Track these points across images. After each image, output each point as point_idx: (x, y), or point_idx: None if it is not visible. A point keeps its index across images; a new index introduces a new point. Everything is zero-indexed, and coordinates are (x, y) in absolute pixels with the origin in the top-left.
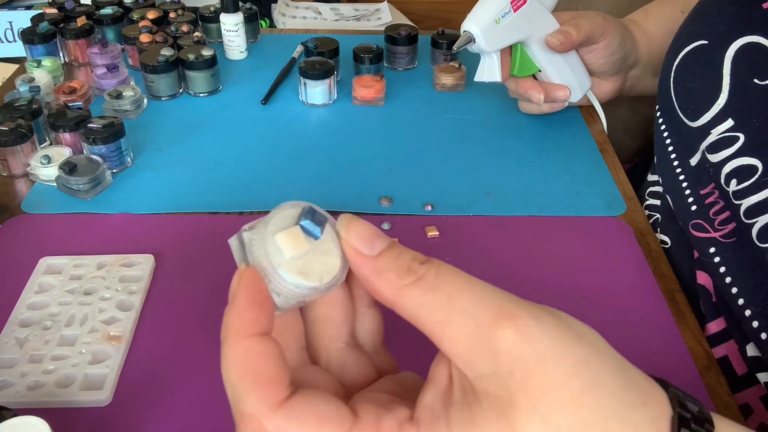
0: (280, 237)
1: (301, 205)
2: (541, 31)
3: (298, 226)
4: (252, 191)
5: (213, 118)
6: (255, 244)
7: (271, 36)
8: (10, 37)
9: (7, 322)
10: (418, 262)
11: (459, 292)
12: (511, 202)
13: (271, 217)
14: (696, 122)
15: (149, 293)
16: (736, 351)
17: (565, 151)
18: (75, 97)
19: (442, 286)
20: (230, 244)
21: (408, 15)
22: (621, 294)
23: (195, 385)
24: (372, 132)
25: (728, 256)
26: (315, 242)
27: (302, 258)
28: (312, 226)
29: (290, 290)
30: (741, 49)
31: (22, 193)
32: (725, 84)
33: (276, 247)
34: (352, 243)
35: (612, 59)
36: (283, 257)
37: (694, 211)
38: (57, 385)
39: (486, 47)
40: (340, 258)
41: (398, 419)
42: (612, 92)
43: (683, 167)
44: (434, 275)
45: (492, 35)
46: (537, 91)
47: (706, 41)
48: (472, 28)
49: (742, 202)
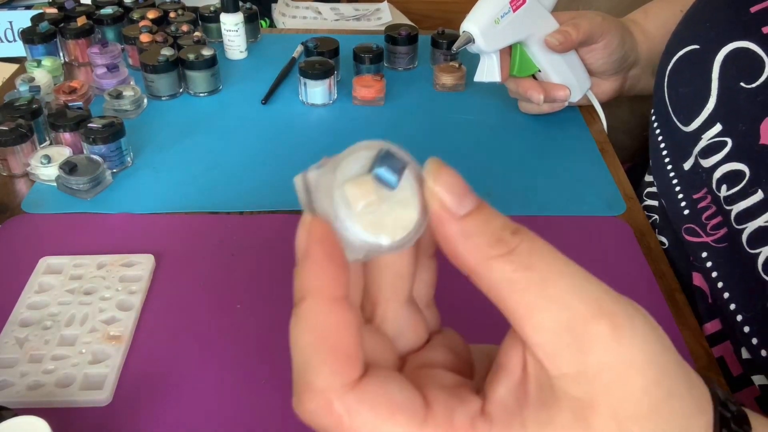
0: (349, 187)
1: (377, 146)
2: (540, 31)
3: (371, 174)
4: (252, 191)
5: (213, 118)
6: (321, 190)
7: (271, 36)
8: (10, 36)
9: (7, 321)
10: (510, 232)
11: (555, 276)
12: (511, 202)
13: (341, 159)
14: (688, 127)
15: (149, 293)
16: (732, 352)
17: (565, 151)
18: (75, 97)
19: (537, 265)
20: (295, 183)
21: (408, 15)
22: (621, 293)
23: (195, 385)
24: (372, 132)
25: (720, 261)
26: (390, 192)
27: (374, 210)
28: (388, 174)
29: (358, 245)
30: (730, 54)
31: (22, 193)
32: (714, 88)
33: (344, 197)
34: (439, 196)
35: (612, 59)
36: (351, 209)
37: (687, 215)
38: (57, 385)
39: (485, 47)
40: (418, 210)
41: (470, 413)
42: (612, 92)
43: (676, 171)
44: (528, 251)
45: (491, 35)
46: (536, 91)
47: (698, 45)
48: (471, 29)
49: (732, 207)
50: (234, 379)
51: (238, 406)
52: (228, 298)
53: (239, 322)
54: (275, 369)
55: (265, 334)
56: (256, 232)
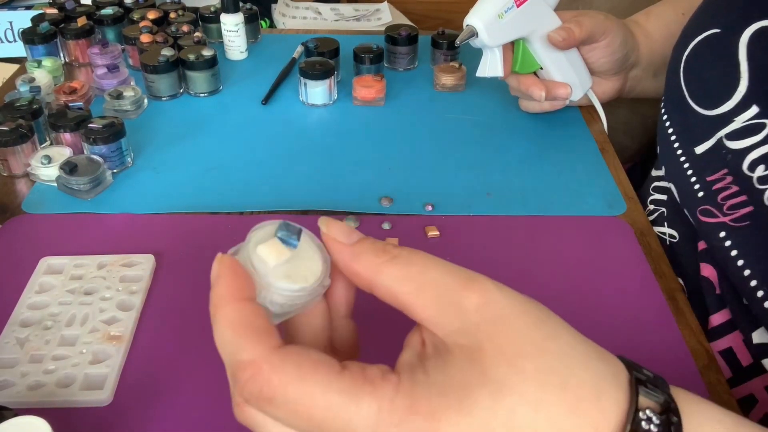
0: (261, 249)
1: (276, 222)
2: (543, 28)
3: (276, 238)
4: (252, 191)
5: (213, 118)
6: (241, 263)
7: (272, 36)
8: (10, 37)
9: (8, 322)
10: (392, 247)
11: (431, 265)
12: (512, 202)
13: (251, 236)
14: (714, 110)
15: (150, 293)
16: (741, 342)
17: (565, 151)
18: (75, 98)
19: (415, 261)
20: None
21: (408, 15)
22: (621, 293)
23: (195, 385)
24: (372, 132)
25: (740, 240)
26: (295, 251)
27: (285, 265)
28: (288, 236)
29: (280, 295)
30: (755, 35)
31: (22, 193)
32: (744, 71)
33: (260, 259)
34: (332, 235)
35: (613, 58)
36: (267, 266)
37: (702, 197)
38: (57, 385)
39: (489, 42)
40: (322, 261)
41: (381, 369)
42: (613, 92)
43: (687, 156)
44: (408, 254)
45: (495, 30)
46: (538, 87)
47: (719, 29)
48: (475, 23)
49: (766, 186)
50: None
51: None
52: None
53: None
54: None
55: None
56: None
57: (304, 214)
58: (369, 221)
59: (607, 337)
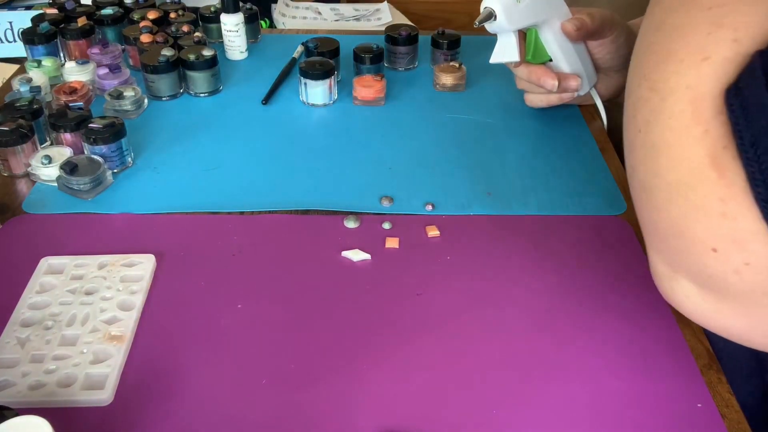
0: None
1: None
2: (556, 17)
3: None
4: (252, 191)
5: (213, 118)
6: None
7: (272, 36)
8: (10, 37)
9: (9, 322)
10: None
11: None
12: (512, 201)
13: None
14: None
15: (150, 293)
16: None
17: (565, 150)
18: (75, 98)
19: None
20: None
21: (408, 15)
22: (621, 292)
23: (196, 385)
24: (372, 132)
25: None
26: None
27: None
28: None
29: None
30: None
31: (23, 193)
32: None
33: None
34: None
35: (619, 53)
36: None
37: None
38: (58, 384)
39: (507, 24)
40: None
41: None
42: (615, 89)
43: None
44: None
45: (513, 13)
46: (550, 77)
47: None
48: (493, 4)
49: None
50: (234, 379)
51: (239, 406)
52: (229, 298)
53: (240, 322)
54: (275, 369)
55: (266, 334)
56: (256, 232)
57: (304, 214)
58: (369, 221)
59: (606, 336)
